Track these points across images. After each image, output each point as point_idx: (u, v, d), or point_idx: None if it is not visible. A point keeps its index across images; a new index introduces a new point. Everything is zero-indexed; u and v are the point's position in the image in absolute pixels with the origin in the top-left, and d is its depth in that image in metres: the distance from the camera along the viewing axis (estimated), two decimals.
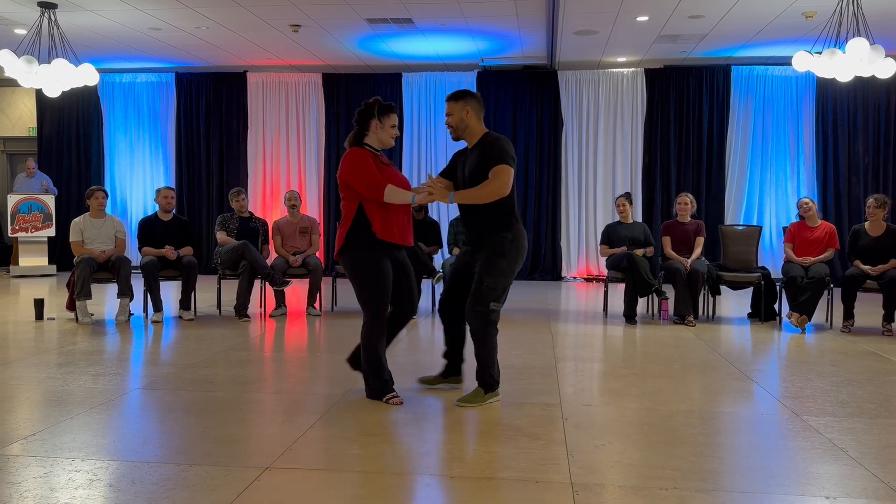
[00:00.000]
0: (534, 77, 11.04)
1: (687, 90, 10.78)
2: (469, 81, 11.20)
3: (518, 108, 11.14)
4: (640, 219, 10.52)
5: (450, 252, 7.33)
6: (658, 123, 10.88)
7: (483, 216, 3.81)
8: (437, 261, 8.37)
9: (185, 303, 6.81)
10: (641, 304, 7.07)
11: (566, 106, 11.04)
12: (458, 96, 3.89)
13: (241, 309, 6.74)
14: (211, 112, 11.58)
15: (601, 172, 11.01)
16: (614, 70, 10.96)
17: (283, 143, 11.59)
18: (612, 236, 7.20)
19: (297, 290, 8.53)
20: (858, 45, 6.80)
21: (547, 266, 11.07)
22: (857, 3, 7.20)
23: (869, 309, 6.58)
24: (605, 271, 7.27)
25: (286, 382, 4.38)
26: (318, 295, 7.14)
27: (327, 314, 7.19)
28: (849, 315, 6.36)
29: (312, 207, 11.43)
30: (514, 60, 10.72)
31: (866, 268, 6.29)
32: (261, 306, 7.40)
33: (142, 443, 3.19)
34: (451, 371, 4.24)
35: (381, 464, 2.96)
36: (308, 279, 7.09)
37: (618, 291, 7.18)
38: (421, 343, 5.76)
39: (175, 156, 11.69)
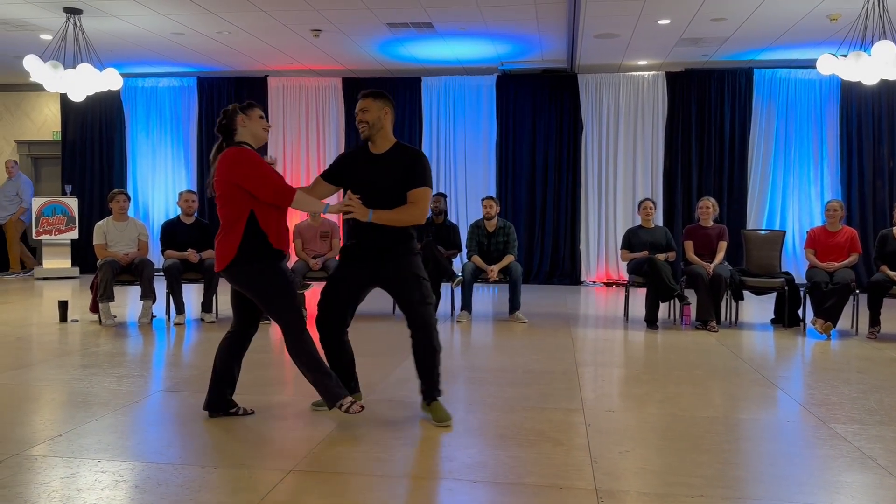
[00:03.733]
0: (553, 81, 11.02)
1: (709, 93, 10.70)
2: (489, 85, 11.19)
3: (537, 112, 11.12)
4: (661, 223, 10.44)
5: (468, 257, 7.32)
6: (679, 127, 10.81)
7: (392, 230, 3.62)
8: (456, 264, 8.37)
9: (206, 305, 6.85)
10: (663, 309, 7.01)
11: (586, 109, 11.00)
12: (378, 95, 3.66)
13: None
14: None
15: (621, 176, 10.95)
16: (635, 73, 10.90)
17: (304, 148, 11.64)
18: (633, 241, 7.15)
19: (317, 294, 8.54)
20: (885, 47, 6.72)
21: (566, 270, 11.02)
22: (884, 6, 7.11)
23: (895, 315, 6.49)
24: (625, 276, 7.22)
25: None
26: None
27: None
28: (875, 321, 6.27)
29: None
30: (534, 64, 10.70)
31: (893, 273, 6.19)
32: None
33: (166, 445, 3.21)
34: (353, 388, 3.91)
35: (404, 468, 2.95)
36: None
37: (639, 296, 7.12)
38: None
39: (197, 160, 11.79)
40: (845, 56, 7.05)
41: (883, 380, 4.67)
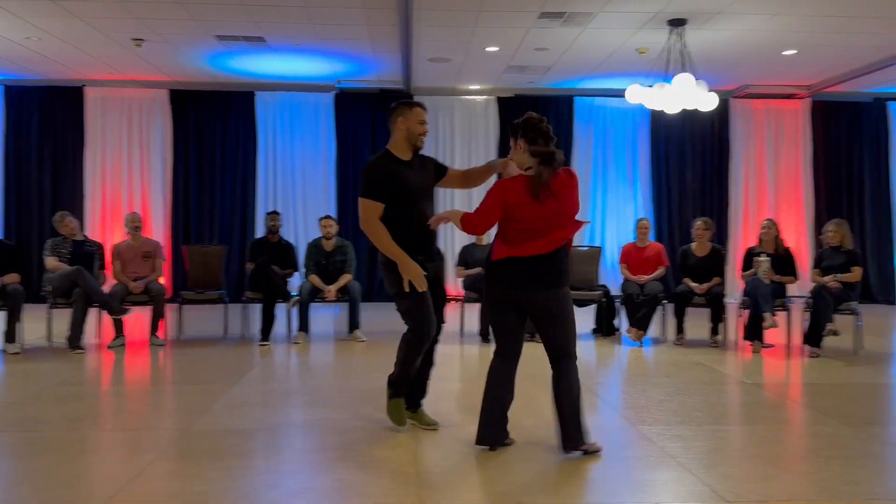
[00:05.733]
0: (392, 100, 11.04)
1: None
2: (326, 102, 11.13)
3: (377, 131, 11.18)
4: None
5: (306, 277, 7.19)
6: (510, 149, 11.28)
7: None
8: (294, 284, 8.19)
9: (9, 335, 6.21)
10: None
11: None
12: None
13: (75, 340, 6.24)
14: (44, 128, 10.71)
15: (458, 196, 11.26)
16: (468, 97, 11.30)
17: (125, 163, 10.91)
18: (468, 258, 7.37)
19: (139, 319, 8.02)
20: (684, 79, 7.45)
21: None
22: (683, 42, 7.89)
23: (698, 322, 7.16)
24: (462, 292, 7.42)
25: (124, 418, 4.10)
26: (161, 323, 6.74)
27: (172, 343, 6.81)
28: (680, 329, 6.87)
29: (157, 230, 10.84)
30: (371, 84, 10.78)
31: (694, 285, 6.83)
32: (97, 337, 6.88)
33: None
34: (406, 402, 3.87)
35: (224, 499, 2.83)
36: (150, 306, 6.68)
37: (474, 311, 7.34)
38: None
39: (4, 175, 10.70)
40: (651, 87, 7.73)
41: (686, 383, 5.12)
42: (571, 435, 3.35)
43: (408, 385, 3.77)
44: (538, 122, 3.45)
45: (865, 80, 10.27)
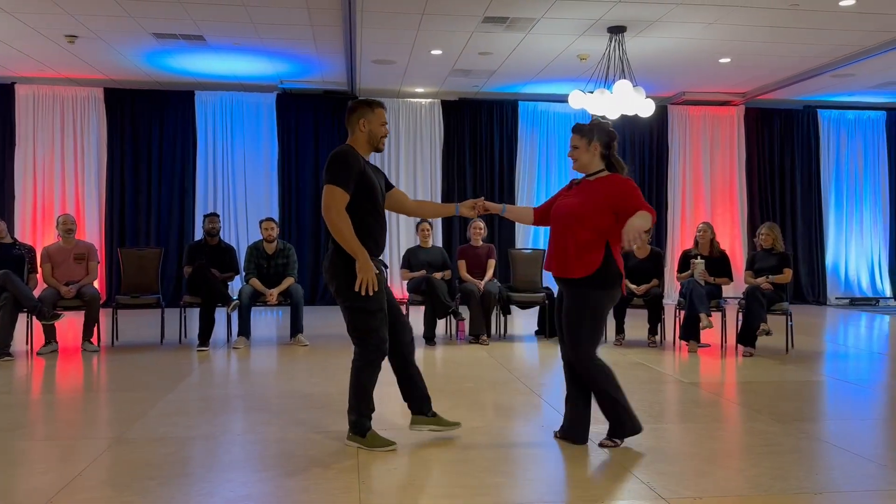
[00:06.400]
0: (336, 102, 11.06)
1: (480, 122, 11.39)
2: (268, 103, 10.97)
3: (320, 133, 11.10)
4: (439, 243, 10.87)
5: (246, 280, 7.06)
6: (455, 152, 11.36)
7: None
8: (234, 288, 8.05)
9: None
10: (440, 325, 7.28)
11: None
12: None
13: (3, 347, 5.98)
14: None
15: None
16: (413, 100, 11.30)
17: (58, 163, 10.55)
18: (412, 261, 7.36)
19: (71, 324, 7.75)
20: (623, 86, 7.60)
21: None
22: (623, 48, 8.06)
23: (637, 323, 7.31)
24: (406, 294, 7.41)
25: (55, 427, 3.95)
26: (95, 328, 6.52)
27: (107, 349, 6.59)
28: (620, 329, 7.01)
29: (91, 232, 10.50)
30: (315, 84, 10.68)
31: (633, 287, 6.97)
32: (27, 343, 6.61)
33: None
34: (418, 409, 3.74)
35: None
36: (84, 311, 6.46)
37: (418, 313, 7.34)
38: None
39: None
40: (592, 93, 7.87)
41: (625, 382, 5.15)
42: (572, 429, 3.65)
43: (370, 413, 3.50)
44: (615, 135, 3.68)
45: (796, 89, 10.69)
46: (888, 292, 11.92)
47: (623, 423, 3.56)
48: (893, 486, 3.04)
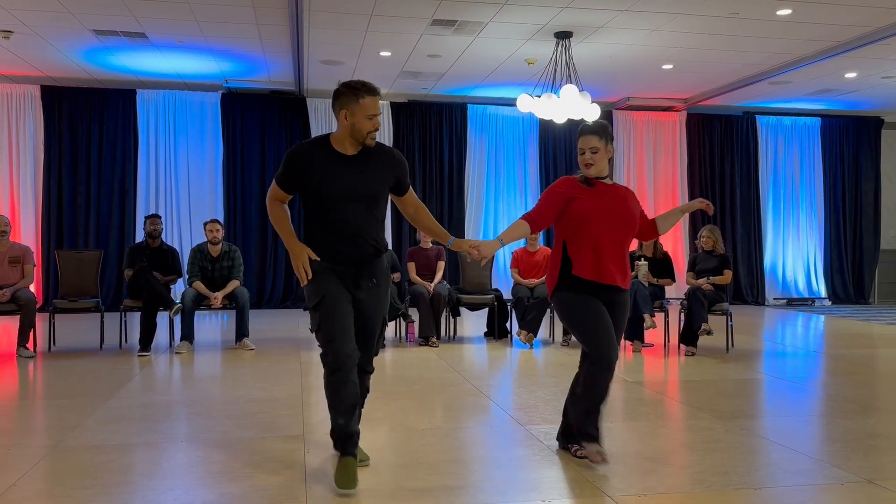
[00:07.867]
0: (283, 102, 10.93)
1: (429, 125, 11.39)
2: (213, 102, 10.77)
3: (266, 134, 10.94)
4: (390, 246, 10.82)
5: (189, 283, 6.90)
6: (404, 154, 11.27)
7: None
8: (177, 291, 7.86)
9: None
10: (390, 327, 7.25)
11: (316, 133, 11.06)
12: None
13: None
14: None
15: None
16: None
17: None
18: None
19: (6, 329, 7.44)
20: (570, 91, 7.71)
21: (300, 294, 10.91)
22: (569, 54, 8.17)
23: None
24: None
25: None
26: (31, 334, 6.29)
27: (43, 355, 6.36)
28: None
29: (27, 234, 10.13)
30: (261, 84, 10.52)
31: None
32: None
33: None
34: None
35: None
36: (18, 316, 6.22)
37: None
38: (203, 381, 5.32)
39: None
40: (539, 97, 7.95)
41: (570, 383, 5.27)
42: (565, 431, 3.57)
43: (339, 419, 3.04)
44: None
45: (736, 95, 11.02)
46: (823, 293, 12.39)
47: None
48: (829, 480, 3.15)
